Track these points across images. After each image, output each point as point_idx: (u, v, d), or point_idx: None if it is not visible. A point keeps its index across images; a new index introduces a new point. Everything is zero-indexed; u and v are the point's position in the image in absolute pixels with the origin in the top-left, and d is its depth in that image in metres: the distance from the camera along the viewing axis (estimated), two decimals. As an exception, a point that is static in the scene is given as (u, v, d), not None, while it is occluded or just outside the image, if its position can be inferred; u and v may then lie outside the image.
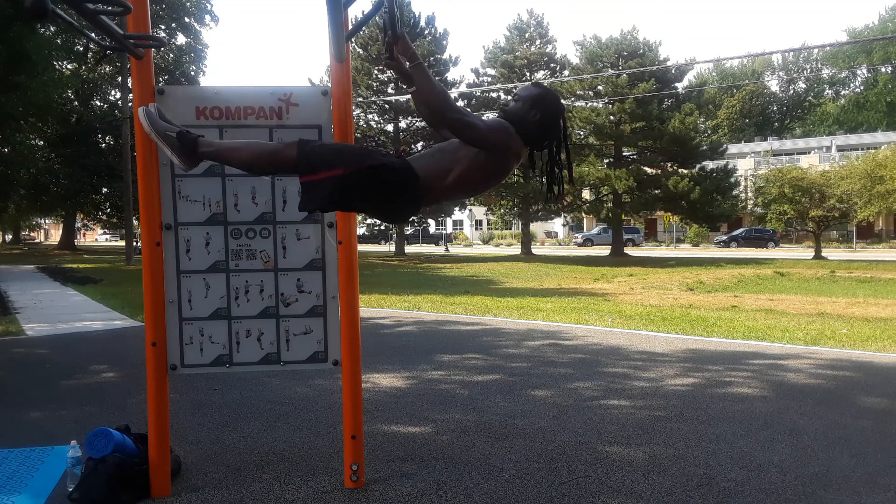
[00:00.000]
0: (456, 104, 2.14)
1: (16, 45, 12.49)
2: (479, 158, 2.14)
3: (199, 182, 2.81)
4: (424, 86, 2.08)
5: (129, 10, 2.33)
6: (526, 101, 2.25)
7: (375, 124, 29.56)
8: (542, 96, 2.28)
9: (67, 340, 7.10)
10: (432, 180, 2.16)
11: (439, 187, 2.17)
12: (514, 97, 2.31)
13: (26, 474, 3.14)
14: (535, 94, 2.27)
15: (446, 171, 2.16)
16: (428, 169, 2.17)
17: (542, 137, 2.29)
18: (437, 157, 2.21)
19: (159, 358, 2.81)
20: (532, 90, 2.29)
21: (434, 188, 2.17)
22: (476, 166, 2.15)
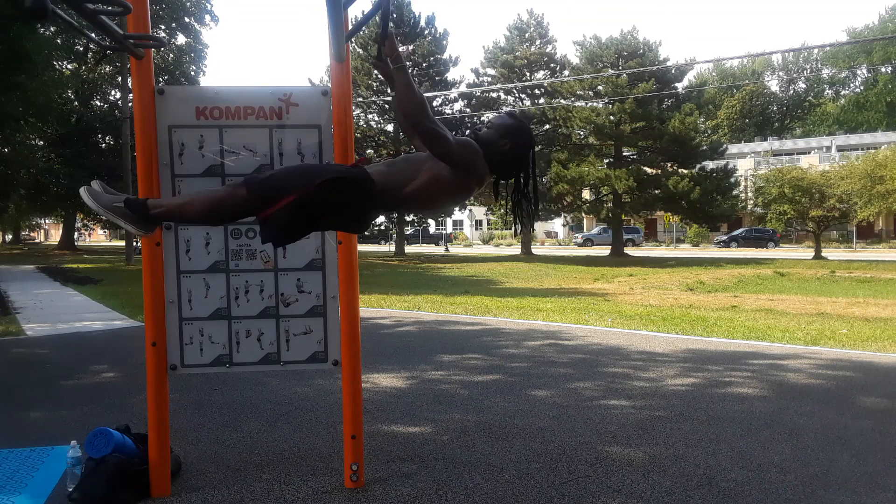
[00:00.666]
0: (431, 114, 2.10)
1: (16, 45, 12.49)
2: (442, 173, 2.12)
3: (199, 182, 2.81)
4: (403, 89, 2.07)
5: (128, 10, 2.32)
6: (499, 129, 2.24)
7: (375, 124, 29.56)
8: (516, 128, 2.27)
9: (67, 340, 7.10)
10: (391, 188, 2.14)
11: (397, 195, 2.15)
12: (487, 124, 2.30)
13: (26, 474, 3.14)
14: (508, 125, 2.26)
15: (407, 180, 2.14)
16: (388, 175, 2.15)
17: (510, 168, 2.28)
18: (400, 164, 2.20)
19: (159, 358, 2.81)
20: (506, 120, 2.28)
21: (391, 196, 2.15)
22: (437, 181, 2.13)
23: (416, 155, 2.26)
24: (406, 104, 2.07)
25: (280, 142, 2.83)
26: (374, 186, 2.11)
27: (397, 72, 2.09)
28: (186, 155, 2.79)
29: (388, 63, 2.10)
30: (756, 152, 48.84)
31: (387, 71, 2.11)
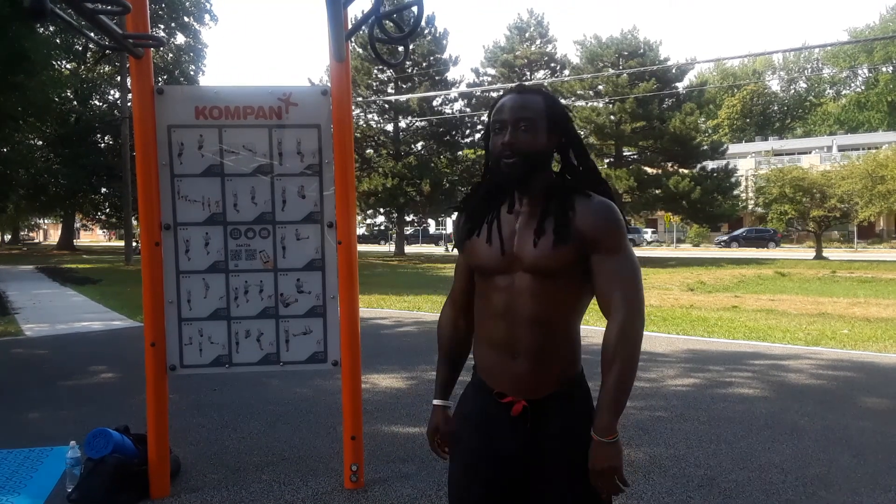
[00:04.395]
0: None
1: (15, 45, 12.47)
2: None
3: (199, 182, 2.80)
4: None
5: (128, 9, 2.32)
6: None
7: (375, 124, 29.54)
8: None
9: (66, 341, 7.10)
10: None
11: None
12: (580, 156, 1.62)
13: (25, 475, 3.13)
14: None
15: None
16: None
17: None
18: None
19: (158, 358, 2.80)
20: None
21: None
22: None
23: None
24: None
25: (279, 141, 2.82)
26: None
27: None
28: (186, 155, 2.79)
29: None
30: (757, 152, 48.83)
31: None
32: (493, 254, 1.44)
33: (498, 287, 1.44)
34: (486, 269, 1.46)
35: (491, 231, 1.46)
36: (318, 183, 2.85)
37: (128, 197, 21.57)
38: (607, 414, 1.34)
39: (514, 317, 1.42)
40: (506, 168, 1.41)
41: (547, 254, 1.39)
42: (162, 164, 2.77)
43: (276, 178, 2.84)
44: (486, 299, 1.47)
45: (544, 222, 1.41)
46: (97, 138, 30.39)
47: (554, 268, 1.39)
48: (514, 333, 1.42)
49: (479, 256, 1.48)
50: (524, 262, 1.41)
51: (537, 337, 1.41)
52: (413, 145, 29.41)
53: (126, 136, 21.44)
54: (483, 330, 1.50)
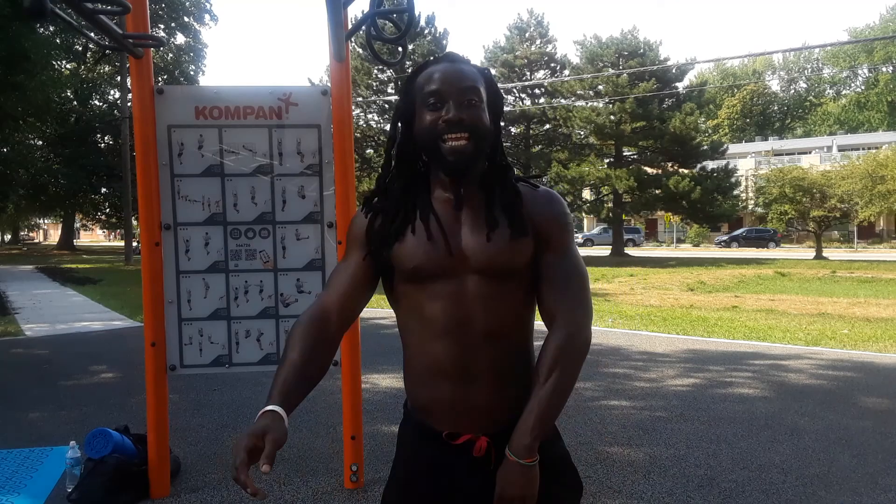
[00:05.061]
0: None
1: (15, 45, 12.48)
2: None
3: (199, 182, 2.80)
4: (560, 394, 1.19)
5: (128, 9, 2.32)
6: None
7: (375, 124, 29.54)
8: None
9: (66, 341, 7.10)
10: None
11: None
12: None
13: (25, 475, 3.13)
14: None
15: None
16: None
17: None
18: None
19: (158, 358, 2.80)
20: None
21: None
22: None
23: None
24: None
25: (279, 141, 2.82)
26: None
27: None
28: (186, 155, 2.78)
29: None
30: (757, 152, 48.83)
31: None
32: (436, 253, 1.15)
33: (439, 296, 1.16)
34: (425, 272, 1.17)
35: (429, 226, 1.17)
36: (318, 183, 2.85)
37: (128, 197, 21.57)
38: (531, 432, 1.11)
39: (464, 331, 1.16)
40: (453, 151, 1.14)
41: (503, 249, 1.15)
42: (162, 164, 2.77)
43: (276, 178, 2.84)
44: (422, 315, 1.18)
45: (494, 212, 1.17)
46: (97, 138, 30.39)
47: (511, 266, 1.17)
48: (466, 353, 1.16)
49: (414, 258, 1.17)
50: (475, 262, 1.16)
51: (495, 355, 1.17)
52: (413, 145, 29.39)
53: (126, 136, 21.44)
54: (420, 356, 1.20)
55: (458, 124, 1.13)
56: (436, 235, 1.17)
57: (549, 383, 1.13)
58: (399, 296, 1.22)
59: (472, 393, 1.17)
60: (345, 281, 1.23)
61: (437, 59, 1.22)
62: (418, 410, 1.24)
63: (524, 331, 1.23)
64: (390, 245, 1.19)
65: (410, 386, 1.25)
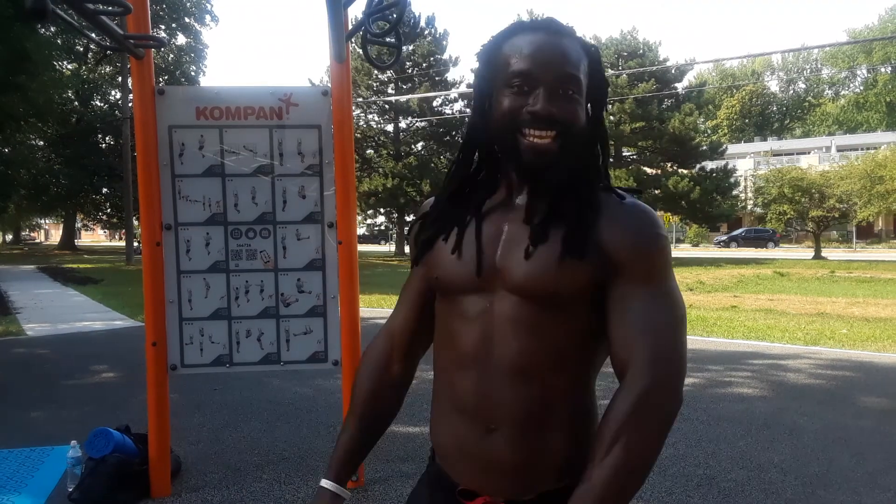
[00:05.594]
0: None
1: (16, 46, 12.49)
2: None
3: (200, 182, 2.81)
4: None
5: (129, 10, 2.33)
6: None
7: (375, 124, 29.55)
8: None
9: (68, 340, 7.10)
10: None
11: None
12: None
13: (26, 474, 3.14)
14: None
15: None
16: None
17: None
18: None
19: (159, 358, 2.81)
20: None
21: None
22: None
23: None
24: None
25: (280, 142, 2.83)
26: None
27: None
28: (187, 155, 2.79)
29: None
30: (756, 152, 48.84)
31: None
32: (463, 263, 0.96)
33: (465, 316, 0.96)
34: (451, 285, 0.98)
35: (464, 235, 0.98)
36: (318, 183, 2.86)
37: (129, 197, 21.58)
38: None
39: (488, 364, 0.93)
40: (534, 149, 0.90)
41: (546, 270, 0.90)
42: (163, 165, 2.78)
43: (276, 179, 2.85)
44: (448, 337, 0.99)
45: (548, 225, 0.92)
46: (98, 139, 30.41)
47: (555, 292, 0.91)
48: (488, 391, 0.93)
49: (438, 266, 1.00)
50: (508, 280, 0.93)
51: (524, 397, 0.92)
52: (413, 146, 29.41)
53: (127, 136, 21.45)
54: (444, 387, 1.01)
55: (546, 120, 0.89)
56: (467, 244, 0.97)
57: (612, 458, 0.83)
58: (436, 312, 1.06)
59: (494, 443, 0.93)
60: (410, 300, 1.09)
61: (532, 25, 0.95)
62: (439, 452, 1.04)
63: (571, 374, 0.95)
64: (424, 253, 1.04)
65: (433, 421, 1.06)
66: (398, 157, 27.99)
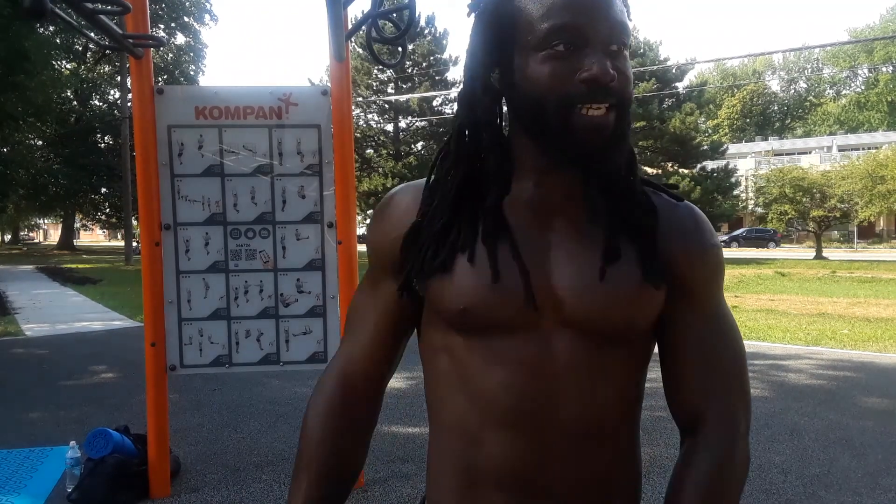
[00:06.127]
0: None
1: (15, 45, 12.49)
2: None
3: (199, 182, 2.80)
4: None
5: (128, 9, 2.32)
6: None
7: (375, 124, 29.56)
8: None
9: (66, 341, 7.10)
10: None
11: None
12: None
13: (25, 475, 3.13)
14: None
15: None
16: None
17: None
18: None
19: (158, 358, 2.80)
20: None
21: None
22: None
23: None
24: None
25: (279, 141, 2.82)
26: None
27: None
28: (186, 155, 2.79)
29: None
30: (757, 152, 48.84)
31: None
32: (504, 290, 0.71)
33: (502, 359, 0.72)
34: (483, 320, 0.72)
35: (496, 250, 0.72)
36: (318, 183, 2.85)
37: (128, 197, 21.58)
38: None
39: (542, 422, 0.72)
40: (593, 127, 0.68)
41: (625, 297, 0.71)
42: (162, 164, 2.77)
43: (276, 178, 2.84)
44: (469, 386, 0.74)
45: (614, 236, 0.72)
46: (97, 138, 30.40)
47: (632, 325, 0.73)
48: (544, 456, 0.73)
49: (463, 294, 0.72)
50: (573, 313, 0.71)
51: (592, 459, 0.74)
52: (413, 145, 29.41)
53: (126, 136, 21.45)
54: (457, 450, 0.77)
55: (605, 83, 0.66)
56: (505, 264, 0.71)
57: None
58: (433, 348, 0.79)
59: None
60: (376, 327, 0.83)
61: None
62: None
63: (633, 429, 0.80)
64: (429, 272, 0.74)
65: (433, 491, 0.83)
66: (398, 157, 27.99)
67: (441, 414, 0.79)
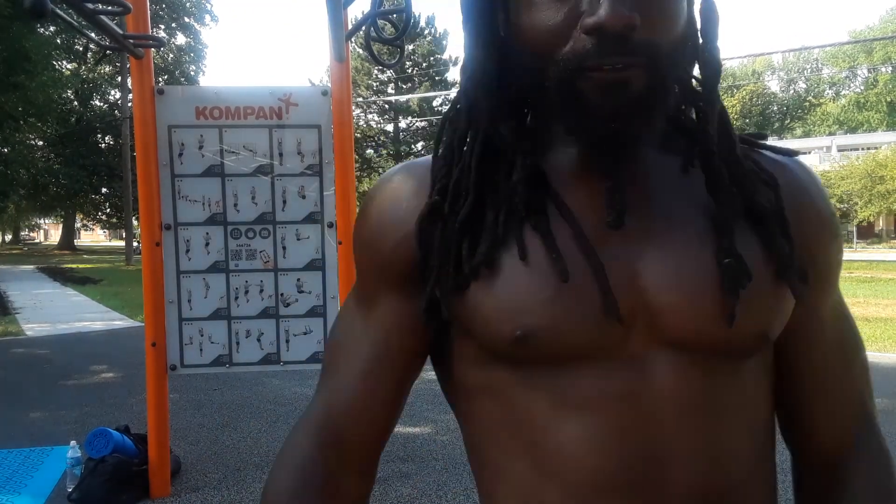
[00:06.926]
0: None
1: (15, 45, 12.50)
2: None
3: (199, 182, 2.81)
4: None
5: (128, 9, 2.32)
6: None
7: (375, 124, 29.58)
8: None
9: (67, 341, 7.10)
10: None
11: None
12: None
13: (26, 474, 3.14)
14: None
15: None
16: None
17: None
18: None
19: (159, 358, 2.80)
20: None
21: None
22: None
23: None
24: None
25: (280, 142, 2.83)
26: None
27: None
28: (186, 155, 2.79)
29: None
30: (756, 152, 48.73)
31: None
32: (579, 301, 0.49)
33: (583, 401, 0.50)
34: (558, 344, 0.49)
35: (556, 246, 0.50)
36: (318, 183, 2.86)
37: (128, 197, 21.59)
38: None
39: (648, 486, 0.50)
40: (603, 84, 0.46)
41: (757, 302, 0.51)
42: (162, 165, 2.77)
43: (276, 179, 2.84)
44: (536, 442, 0.51)
45: (726, 217, 0.52)
46: (98, 138, 30.40)
47: (761, 339, 0.53)
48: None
49: (532, 311, 0.49)
50: (677, 325, 0.50)
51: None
52: (413, 145, 29.43)
53: (127, 136, 21.46)
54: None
55: (622, 39, 0.45)
56: (575, 262, 0.50)
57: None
58: (469, 389, 0.56)
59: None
60: (367, 363, 0.58)
61: None
62: None
63: (771, 479, 0.60)
64: (461, 283, 0.52)
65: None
66: (398, 157, 28.01)
67: (494, 485, 0.54)
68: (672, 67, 0.49)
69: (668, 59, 0.48)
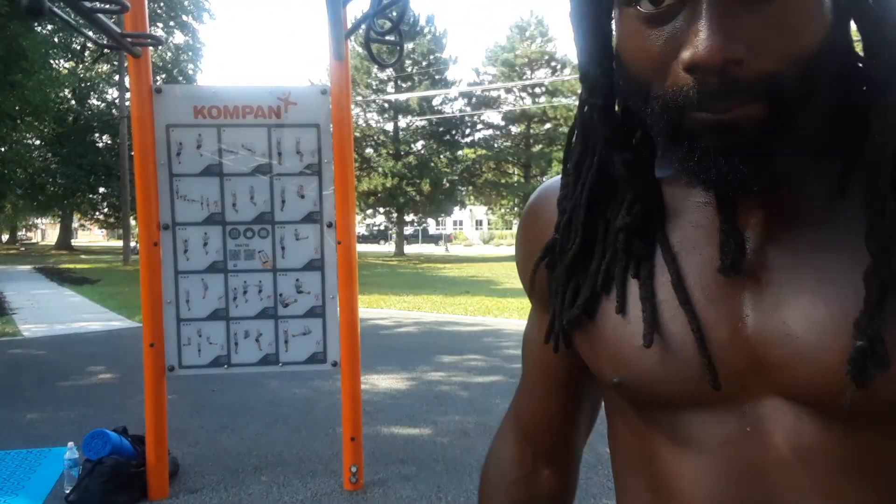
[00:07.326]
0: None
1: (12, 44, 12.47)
2: None
3: (197, 182, 2.79)
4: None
5: (126, 8, 2.31)
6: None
7: (375, 123, 29.56)
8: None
9: (64, 341, 7.08)
10: None
11: None
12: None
13: (23, 476, 3.12)
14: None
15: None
16: None
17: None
18: None
19: (157, 359, 2.79)
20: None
21: None
22: None
23: None
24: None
25: (278, 141, 2.81)
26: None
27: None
28: (184, 154, 2.77)
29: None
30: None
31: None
32: (672, 359, 0.47)
33: (696, 442, 0.48)
34: (654, 396, 0.49)
35: (652, 287, 0.48)
36: (317, 182, 2.84)
37: (126, 197, 21.57)
38: None
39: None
40: (711, 124, 0.40)
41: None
42: (160, 164, 2.76)
43: (275, 178, 2.83)
44: (655, 468, 0.51)
45: (881, 284, 0.40)
46: (95, 138, 30.35)
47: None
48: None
49: (627, 363, 0.49)
50: (796, 388, 0.44)
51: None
52: (413, 145, 29.41)
53: (124, 135, 21.44)
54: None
55: (725, 79, 0.38)
56: (667, 310, 0.48)
57: None
58: (610, 406, 0.58)
59: None
60: (543, 367, 0.63)
61: None
62: None
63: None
64: (570, 322, 0.53)
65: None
66: (397, 157, 27.98)
67: (625, 499, 0.57)
68: (808, 85, 0.40)
69: (802, 82, 0.39)
